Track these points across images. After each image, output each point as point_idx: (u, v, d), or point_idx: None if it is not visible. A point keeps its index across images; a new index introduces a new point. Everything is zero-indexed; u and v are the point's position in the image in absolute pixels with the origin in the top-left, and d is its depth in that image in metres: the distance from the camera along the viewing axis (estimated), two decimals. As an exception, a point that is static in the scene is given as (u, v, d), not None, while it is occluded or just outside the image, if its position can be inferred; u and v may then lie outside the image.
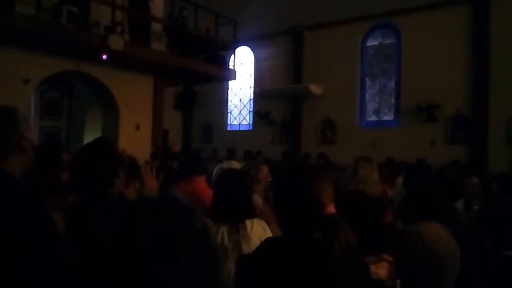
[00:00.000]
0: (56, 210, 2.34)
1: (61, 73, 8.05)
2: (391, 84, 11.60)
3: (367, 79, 12.05)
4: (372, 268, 1.70)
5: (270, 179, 4.28)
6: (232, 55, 11.23)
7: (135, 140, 8.57)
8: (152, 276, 0.87)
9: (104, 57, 7.64)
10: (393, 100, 11.54)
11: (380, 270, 1.73)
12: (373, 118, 11.92)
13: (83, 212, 1.79)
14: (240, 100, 14.87)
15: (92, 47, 7.33)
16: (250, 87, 14.42)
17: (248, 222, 2.52)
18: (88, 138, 9.86)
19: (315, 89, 12.11)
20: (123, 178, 1.96)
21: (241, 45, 13.14)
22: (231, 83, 14.32)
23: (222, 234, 2.42)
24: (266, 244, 1.52)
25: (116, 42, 7.38)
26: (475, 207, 5.19)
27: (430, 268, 1.81)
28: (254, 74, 14.22)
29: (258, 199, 3.88)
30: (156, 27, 8.95)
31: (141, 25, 8.47)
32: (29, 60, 7.30)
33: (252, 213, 2.62)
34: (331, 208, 1.45)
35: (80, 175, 1.89)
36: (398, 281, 1.76)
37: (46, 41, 7.04)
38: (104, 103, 9.16)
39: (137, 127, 9.09)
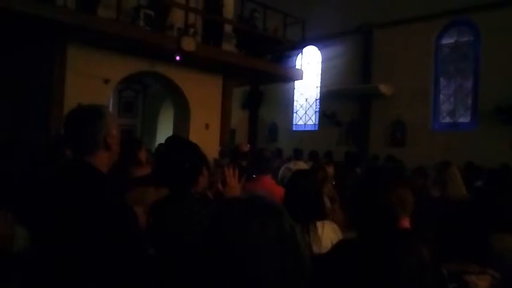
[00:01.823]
0: (137, 203, 2.47)
1: (137, 74, 8.48)
2: (468, 84, 10.95)
3: (441, 78, 11.46)
4: (473, 278, 1.63)
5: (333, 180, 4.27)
6: (300, 55, 11.19)
7: (204, 139, 8.79)
8: (244, 278, 0.87)
9: (177, 58, 7.94)
10: (470, 101, 10.89)
11: (482, 281, 1.65)
12: (447, 120, 11.32)
13: (168, 208, 1.87)
14: (306, 100, 14.79)
15: (166, 49, 7.65)
16: (317, 87, 14.29)
17: (319, 224, 2.51)
18: (160, 136, 10.31)
19: (384, 89, 11.74)
20: (206, 177, 2.02)
21: (309, 45, 13.03)
22: (297, 83, 14.27)
23: (294, 235, 2.43)
24: (340, 245, 1.52)
25: (189, 43, 7.63)
26: None
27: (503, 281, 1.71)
28: (321, 74, 14.07)
29: (327, 201, 3.84)
30: (227, 28, 9.15)
31: (214, 26, 8.71)
32: (109, 61, 7.76)
33: (323, 215, 2.60)
34: (405, 223, 1.40)
35: (167, 172, 1.97)
36: None
37: (125, 43, 7.45)
38: (175, 102, 9.52)
39: (207, 126, 9.34)
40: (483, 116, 10.23)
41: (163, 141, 2.34)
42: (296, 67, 10.86)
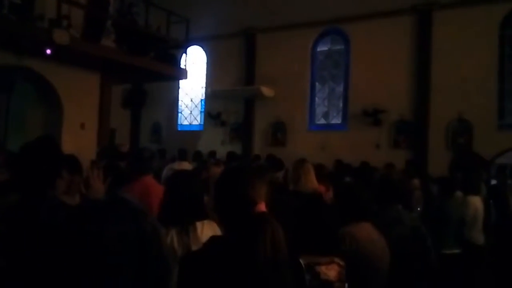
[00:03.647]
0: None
1: (1, 67, 7.61)
2: (340, 88, 11.94)
3: (317, 83, 12.32)
4: (323, 268, 1.76)
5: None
6: (184, 54, 11.09)
7: (79, 139, 8.25)
8: (101, 282, 0.85)
9: (48, 51, 7.30)
10: (341, 104, 11.88)
11: (330, 271, 1.80)
12: (322, 121, 12.21)
13: (21, 213, 1.69)
14: (191, 100, 14.72)
15: (35, 41, 6.99)
16: (202, 87, 14.31)
17: (198, 224, 2.50)
18: (29, 137, 9.34)
19: (266, 91, 12.22)
20: (66, 180, 1.87)
21: (193, 45, 13.02)
22: (182, 83, 14.15)
23: (171, 237, 2.38)
24: (208, 242, 1.57)
25: (61, 36, 7.07)
26: (418, 209, 5.47)
27: (363, 267, 1.90)
28: (206, 74, 14.14)
29: (210, 201, 3.87)
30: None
31: (95, 20, 8.20)
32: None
33: (203, 215, 2.59)
34: (261, 206, 1.54)
35: (20, 175, 1.79)
36: (346, 285, 1.82)
37: (-16, 33, 6.63)
38: (47, 100, 8.74)
39: (82, 126, 8.76)
40: (352, 118, 11.24)
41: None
42: (181, 66, 10.72)
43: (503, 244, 6.01)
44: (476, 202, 5.20)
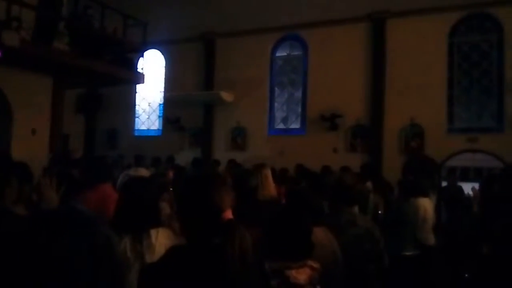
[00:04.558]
0: None
1: None
2: (298, 94, 12.10)
3: (276, 88, 12.44)
4: (293, 272, 1.77)
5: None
6: (141, 58, 10.89)
7: (30, 145, 7.92)
8: None
9: (-2, 54, 6.98)
10: (299, 109, 12.05)
11: (301, 275, 1.80)
12: (281, 126, 12.33)
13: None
14: (149, 105, 14.46)
15: (-19, 43, 6.66)
16: (160, 91, 14.09)
17: (153, 232, 2.45)
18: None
19: (226, 96, 12.21)
20: (16, 188, 1.78)
21: (151, 48, 12.81)
22: (139, 87, 13.88)
23: (124, 245, 2.32)
24: (169, 252, 1.54)
25: (11, 38, 6.79)
26: (380, 212, 5.60)
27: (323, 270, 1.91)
28: (164, 79, 13.93)
29: (166, 207, 3.80)
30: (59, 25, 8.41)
31: (48, 22, 7.91)
32: None
33: (158, 222, 2.54)
34: (228, 214, 1.54)
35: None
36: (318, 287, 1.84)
37: None
38: (-5, 104, 8.35)
39: (33, 132, 8.41)
40: (311, 123, 11.43)
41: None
42: (138, 70, 10.51)
43: (453, 244, 6.26)
44: (425, 203, 5.37)
